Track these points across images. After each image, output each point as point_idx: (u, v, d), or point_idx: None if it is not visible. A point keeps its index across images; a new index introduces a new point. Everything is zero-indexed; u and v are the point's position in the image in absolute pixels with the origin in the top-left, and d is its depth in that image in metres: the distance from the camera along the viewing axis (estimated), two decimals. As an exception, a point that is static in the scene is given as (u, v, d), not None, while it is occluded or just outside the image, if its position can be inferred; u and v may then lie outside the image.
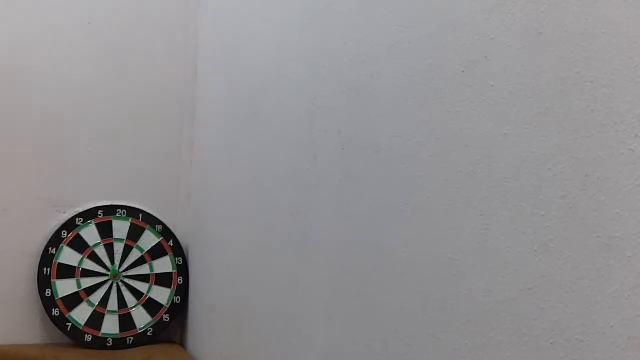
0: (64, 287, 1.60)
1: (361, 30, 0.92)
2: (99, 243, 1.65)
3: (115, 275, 1.65)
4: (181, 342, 1.74)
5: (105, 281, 1.64)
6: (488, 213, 0.66)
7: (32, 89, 1.65)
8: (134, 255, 1.68)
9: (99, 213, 1.67)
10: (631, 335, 0.51)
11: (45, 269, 1.59)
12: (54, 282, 1.59)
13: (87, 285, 1.62)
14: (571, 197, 0.57)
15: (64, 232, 1.62)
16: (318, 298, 1.00)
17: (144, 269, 1.68)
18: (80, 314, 1.60)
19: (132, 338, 1.63)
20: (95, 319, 1.61)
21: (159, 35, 1.76)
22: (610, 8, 0.54)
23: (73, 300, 1.60)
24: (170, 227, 1.73)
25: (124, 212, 1.69)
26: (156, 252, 1.70)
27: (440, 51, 0.75)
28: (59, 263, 1.60)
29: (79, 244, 1.63)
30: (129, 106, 1.73)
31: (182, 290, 1.70)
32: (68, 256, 1.61)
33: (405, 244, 0.79)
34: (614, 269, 0.52)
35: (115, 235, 1.67)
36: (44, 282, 1.59)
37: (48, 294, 1.58)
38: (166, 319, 1.68)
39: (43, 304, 1.58)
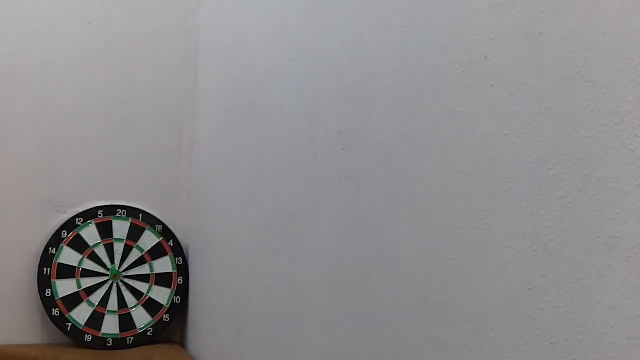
0: (64, 287, 1.60)
1: (361, 30, 0.92)
2: (99, 243, 1.65)
3: (115, 275, 1.65)
4: (181, 342, 1.74)
5: (105, 281, 1.64)
6: (488, 213, 0.66)
7: (32, 89, 1.65)
8: (134, 255, 1.68)
9: (99, 213, 1.67)
10: (631, 335, 0.51)
11: (45, 269, 1.59)
12: (54, 282, 1.59)
13: (87, 285, 1.62)
14: (571, 197, 0.57)
15: (64, 232, 1.62)
16: (318, 298, 1.00)
17: (144, 269, 1.68)
18: (80, 314, 1.60)
19: (132, 338, 1.63)
20: (95, 319, 1.61)
21: (159, 35, 1.76)
22: (610, 8, 0.54)
23: (73, 300, 1.60)
24: (170, 227, 1.73)
25: (124, 212, 1.69)
26: (156, 252, 1.70)
27: (440, 51, 0.75)
28: (59, 263, 1.60)
29: (79, 244, 1.63)
30: (129, 106, 1.73)
31: (182, 290, 1.70)
32: (68, 256, 1.61)
33: (405, 244, 0.79)
34: (614, 269, 0.52)
35: (115, 235, 1.67)
36: (44, 282, 1.59)
37: (48, 294, 1.58)
38: (166, 319, 1.68)
39: (43, 304, 1.58)
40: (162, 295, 1.68)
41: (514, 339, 0.62)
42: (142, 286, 1.67)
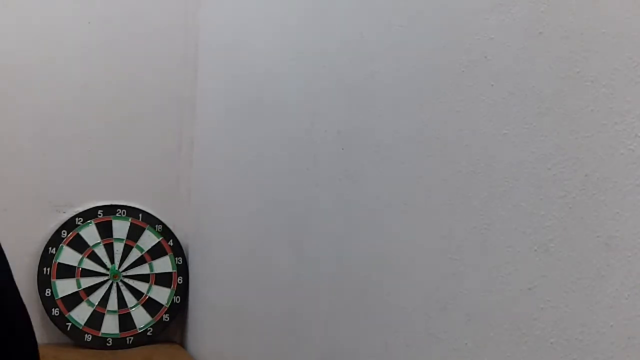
0: (64, 287, 1.60)
1: (361, 30, 0.92)
2: (99, 243, 1.65)
3: (115, 275, 1.65)
4: (181, 342, 1.74)
5: (105, 281, 1.64)
6: (488, 213, 0.66)
7: (32, 88, 1.64)
8: (134, 255, 1.67)
9: (99, 213, 1.67)
10: (631, 335, 0.51)
11: (45, 269, 1.59)
12: (54, 282, 1.59)
13: (87, 285, 1.62)
14: (571, 197, 0.57)
15: (64, 232, 1.62)
16: (318, 298, 1.00)
17: (144, 269, 1.68)
18: (80, 314, 1.60)
19: (132, 338, 1.63)
20: (95, 319, 1.61)
21: (158, 35, 1.76)
22: (610, 8, 0.54)
23: (73, 300, 1.60)
24: (170, 227, 1.73)
25: (124, 212, 1.69)
26: (156, 252, 1.70)
27: (440, 51, 0.75)
28: (59, 263, 1.60)
29: (79, 244, 1.63)
30: (128, 106, 1.73)
31: (182, 290, 1.70)
32: (68, 256, 1.61)
33: (405, 244, 0.79)
34: (614, 269, 0.52)
35: (115, 235, 1.67)
36: (44, 282, 1.58)
37: (48, 294, 1.58)
38: (166, 319, 1.68)
39: (43, 304, 1.58)
40: (162, 295, 1.68)
41: (514, 339, 0.62)
42: (142, 286, 1.67)
